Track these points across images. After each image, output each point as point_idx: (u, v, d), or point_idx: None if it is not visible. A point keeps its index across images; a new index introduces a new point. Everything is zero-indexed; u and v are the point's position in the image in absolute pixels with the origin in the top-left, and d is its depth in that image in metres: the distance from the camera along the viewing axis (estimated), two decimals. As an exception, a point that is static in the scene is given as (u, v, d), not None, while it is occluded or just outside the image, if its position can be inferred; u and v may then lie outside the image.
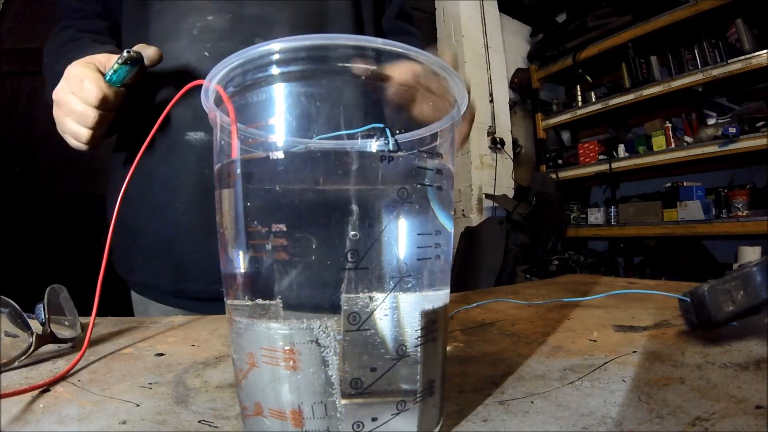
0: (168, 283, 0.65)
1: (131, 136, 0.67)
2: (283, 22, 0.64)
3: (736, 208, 2.25)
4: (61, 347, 0.40)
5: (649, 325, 0.46)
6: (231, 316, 0.23)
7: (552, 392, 0.29)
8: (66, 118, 0.54)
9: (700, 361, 0.34)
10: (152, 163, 0.63)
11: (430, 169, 0.23)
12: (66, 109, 0.53)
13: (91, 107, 0.52)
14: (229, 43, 0.62)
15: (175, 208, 0.62)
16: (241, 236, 0.21)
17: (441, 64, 0.23)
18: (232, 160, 0.22)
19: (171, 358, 0.39)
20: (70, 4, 0.70)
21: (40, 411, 0.27)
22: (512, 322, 0.51)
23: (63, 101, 0.53)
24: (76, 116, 0.53)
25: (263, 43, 0.21)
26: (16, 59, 1.80)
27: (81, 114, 0.52)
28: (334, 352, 0.20)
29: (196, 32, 0.62)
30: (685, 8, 2.39)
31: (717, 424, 0.23)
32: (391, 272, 0.21)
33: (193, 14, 0.62)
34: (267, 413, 0.21)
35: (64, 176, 1.83)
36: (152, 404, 0.28)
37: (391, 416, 0.21)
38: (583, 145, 3.08)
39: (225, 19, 0.62)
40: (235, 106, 0.23)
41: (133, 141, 0.66)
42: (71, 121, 0.54)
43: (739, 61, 2.19)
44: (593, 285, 0.77)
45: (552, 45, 3.18)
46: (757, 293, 0.35)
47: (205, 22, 0.62)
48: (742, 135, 2.19)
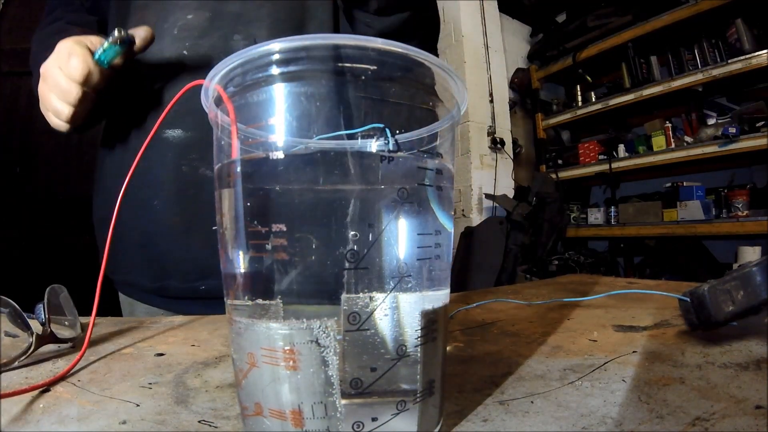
0: (149, 280, 0.65)
1: (114, 135, 0.67)
2: (261, 19, 0.64)
3: (736, 208, 2.25)
4: (61, 347, 0.40)
5: (649, 325, 0.46)
6: (231, 316, 0.23)
7: (552, 392, 0.29)
8: (50, 94, 0.54)
9: (700, 361, 0.34)
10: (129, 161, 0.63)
11: (430, 169, 0.23)
12: (51, 83, 0.53)
13: (75, 83, 0.52)
14: (208, 41, 0.62)
15: (153, 206, 0.62)
16: (241, 236, 0.21)
17: (441, 63, 0.23)
18: (232, 160, 0.22)
19: (171, 358, 0.39)
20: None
21: (40, 411, 0.27)
22: (512, 322, 0.51)
23: (49, 75, 0.53)
24: (58, 91, 0.53)
25: (263, 43, 0.21)
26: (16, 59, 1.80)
27: (64, 90, 0.52)
28: (334, 352, 0.20)
29: (176, 31, 0.62)
30: (685, 8, 2.39)
31: (717, 424, 0.23)
32: (391, 272, 0.21)
33: (174, 12, 0.63)
34: (267, 413, 0.21)
35: (64, 176, 1.83)
36: (152, 404, 0.28)
37: (391, 416, 0.21)
38: (583, 145, 3.08)
39: (204, 17, 0.62)
40: (235, 106, 0.23)
41: (115, 139, 0.67)
42: (54, 97, 0.54)
43: (739, 61, 2.19)
44: (593, 285, 0.77)
45: (552, 45, 3.18)
46: (757, 293, 0.35)
47: (185, 20, 0.62)
48: (742, 135, 2.19)
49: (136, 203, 0.62)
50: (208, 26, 0.62)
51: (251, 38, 0.62)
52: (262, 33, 0.64)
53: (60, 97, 0.53)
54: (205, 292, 0.62)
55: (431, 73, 0.24)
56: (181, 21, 0.62)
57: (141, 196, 0.63)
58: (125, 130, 0.65)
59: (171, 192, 0.62)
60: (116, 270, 0.68)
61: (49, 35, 0.66)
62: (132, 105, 0.64)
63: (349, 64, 0.22)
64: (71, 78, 0.52)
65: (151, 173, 0.62)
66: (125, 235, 0.64)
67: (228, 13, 0.63)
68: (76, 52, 0.51)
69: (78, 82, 0.52)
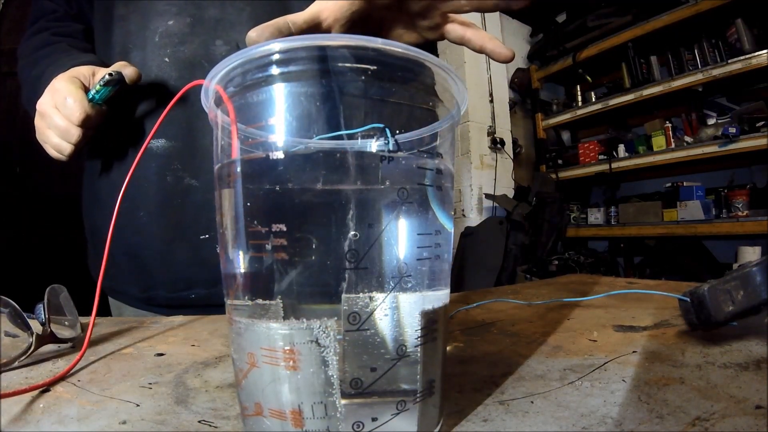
0: (137, 290, 0.65)
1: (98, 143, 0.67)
2: (242, 23, 0.62)
3: (736, 208, 2.25)
4: (61, 347, 0.40)
5: (649, 325, 0.46)
6: (231, 316, 0.23)
7: (552, 392, 0.29)
8: (48, 131, 0.56)
9: (700, 361, 0.34)
10: (114, 168, 0.63)
11: (430, 169, 0.23)
12: (49, 122, 0.55)
13: (74, 126, 0.53)
14: (189, 47, 0.61)
15: (138, 216, 0.62)
16: (241, 236, 0.21)
17: (441, 63, 0.23)
18: (232, 160, 0.22)
19: (171, 358, 0.39)
20: (44, 6, 0.70)
21: (40, 411, 0.27)
22: (512, 322, 0.51)
23: (47, 114, 0.55)
24: (59, 131, 0.55)
25: (263, 43, 0.21)
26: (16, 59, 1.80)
27: (64, 130, 0.54)
28: (334, 352, 0.20)
29: (157, 38, 0.61)
30: (685, 8, 2.39)
31: (717, 424, 0.23)
32: (391, 272, 0.21)
33: (155, 19, 0.62)
34: (267, 413, 0.21)
35: (64, 176, 1.83)
36: (152, 404, 0.28)
37: (391, 416, 0.21)
38: (583, 145, 3.08)
39: (184, 23, 0.61)
40: (235, 106, 0.23)
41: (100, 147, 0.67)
42: (53, 135, 0.55)
43: (739, 61, 2.19)
44: (593, 285, 0.77)
45: (552, 45, 3.18)
46: (757, 293, 0.35)
47: (165, 27, 0.61)
48: (742, 135, 2.19)
49: (122, 213, 0.62)
50: (188, 32, 0.61)
51: (233, 43, 0.61)
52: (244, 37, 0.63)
53: (60, 136, 0.55)
54: (194, 300, 0.62)
55: (431, 73, 0.24)
56: (161, 28, 0.61)
57: (127, 206, 0.62)
58: (109, 138, 0.64)
59: (156, 202, 0.61)
60: (105, 276, 0.68)
61: (35, 48, 0.66)
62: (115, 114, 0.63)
63: (349, 64, 0.22)
64: (70, 120, 0.53)
65: (135, 184, 0.61)
66: (113, 244, 0.64)
67: (208, 19, 0.62)
68: (71, 94, 0.53)
69: (77, 125, 0.53)
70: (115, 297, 0.71)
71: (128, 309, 0.69)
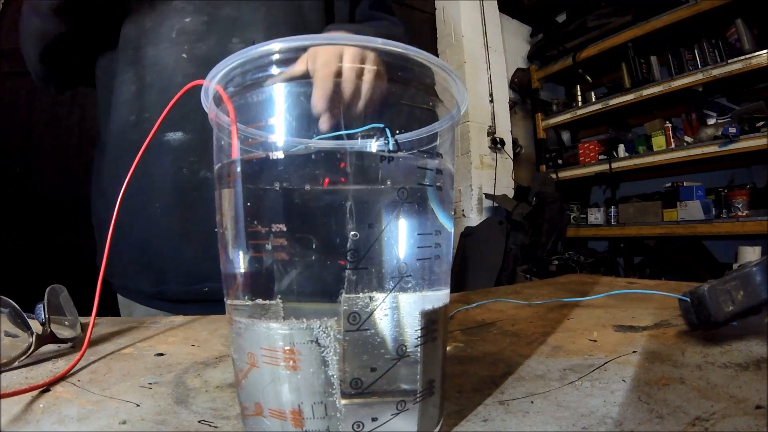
0: (147, 285, 0.65)
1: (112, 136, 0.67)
2: (257, 22, 0.64)
3: (736, 208, 2.25)
4: (61, 347, 0.40)
5: (649, 325, 0.46)
6: (231, 316, 0.23)
7: (552, 392, 0.29)
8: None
9: (700, 361, 0.34)
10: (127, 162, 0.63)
11: (429, 169, 0.23)
12: None
13: None
14: (206, 45, 0.62)
15: (153, 210, 0.62)
16: (241, 236, 0.21)
17: (441, 63, 0.23)
18: (232, 160, 0.22)
19: (171, 358, 0.39)
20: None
21: (40, 411, 0.27)
22: (512, 322, 0.51)
23: None
24: None
25: (263, 43, 0.21)
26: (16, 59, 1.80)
27: None
28: (334, 352, 0.20)
29: (174, 35, 0.62)
30: (685, 8, 2.39)
31: (717, 424, 0.23)
32: (391, 272, 0.21)
33: (171, 16, 0.63)
34: (267, 413, 0.21)
35: (64, 176, 1.83)
36: (152, 404, 0.28)
37: (391, 416, 0.21)
38: (583, 145, 3.07)
39: (201, 21, 0.63)
40: (235, 106, 0.23)
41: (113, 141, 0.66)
42: None
43: (739, 61, 2.19)
44: (593, 285, 0.77)
45: (552, 45, 3.17)
46: (757, 293, 0.35)
47: (182, 24, 0.62)
48: (742, 135, 2.19)
49: (135, 207, 0.62)
50: (205, 30, 0.62)
51: (249, 41, 0.62)
52: (260, 36, 0.64)
53: None
54: (207, 294, 0.62)
55: (431, 73, 0.24)
56: (178, 25, 0.62)
57: (140, 200, 0.62)
58: (123, 132, 0.65)
59: (171, 195, 0.62)
60: (114, 274, 0.68)
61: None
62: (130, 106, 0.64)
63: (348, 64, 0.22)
64: None
65: (151, 177, 0.62)
66: (124, 239, 0.64)
67: (224, 17, 0.63)
68: None
69: None
70: (124, 295, 0.71)
71: (138, 307, 0.69)
